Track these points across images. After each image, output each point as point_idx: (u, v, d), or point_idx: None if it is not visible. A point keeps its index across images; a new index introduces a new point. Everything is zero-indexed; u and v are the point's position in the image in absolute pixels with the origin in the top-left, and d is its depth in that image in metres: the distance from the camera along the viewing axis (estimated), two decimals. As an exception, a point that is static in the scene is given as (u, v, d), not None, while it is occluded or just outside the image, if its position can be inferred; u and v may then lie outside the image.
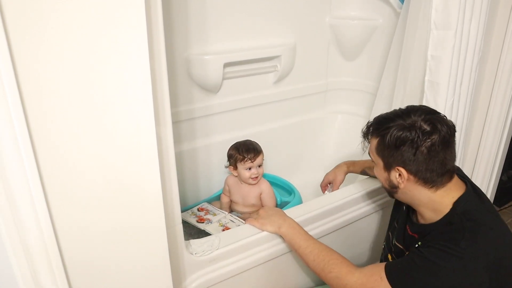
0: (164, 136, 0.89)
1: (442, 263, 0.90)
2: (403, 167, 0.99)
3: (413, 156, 0.96)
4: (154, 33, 0.79)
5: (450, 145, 0.98)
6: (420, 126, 0.96)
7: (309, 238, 1.14)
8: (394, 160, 1.00)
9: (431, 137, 0.95)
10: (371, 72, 2.01)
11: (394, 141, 0.98)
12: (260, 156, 1.58)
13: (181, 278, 1.09)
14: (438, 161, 0.96)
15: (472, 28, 1.34)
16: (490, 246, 0.92)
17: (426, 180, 0.98)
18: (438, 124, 0.96)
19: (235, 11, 1.67)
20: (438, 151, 0.95)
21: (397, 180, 1.02)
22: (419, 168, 0.97)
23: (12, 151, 0.63)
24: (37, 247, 0.70)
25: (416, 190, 1.01)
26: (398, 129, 0.98)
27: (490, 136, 1.72)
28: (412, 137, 0.95)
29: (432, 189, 0.99)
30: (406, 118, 0.99)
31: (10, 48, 0.59)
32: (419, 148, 0.95)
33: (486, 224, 0.95)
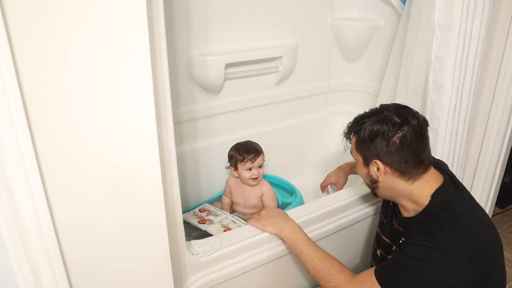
0: (166, 136, 0.89)
1: (424, 257, 0.93)
2: (379, 159, 1.04)
3: (386, 147, 1.01)
4: (156, 34, 0.79)
5: (422, 137, 1.03)
6: (391, 119, 1.02)
7: (310, 244, 1.14)
8: (370, 153, 1.05)
9: (402, 129, 1.00)
10: (373, 73, 2.01)
11: (368, 135, 1.04)
12: (261, 156, 1.58)
13: (182, 279, 1.09)
14: (411, 152, 1.01)
15: (474, 29, 1.34)
16: (468, 234, 0.94)
17: (402, 171, 1.03)
18: (408, 117, 1.02)
19: (237, 12, 1.67)
20: (410, 142, 1.00)
21: (376, 174, 1.07)
22: (393, 159, 1.02)
23: (13, 151, 0.63)
24: (38, 246, 0.71)
25: (394, 183, 1.05)
26: (371, 123, 1.04)
27: (493, 137, 1.71)
28: (383, 129, 1.01)
29: (409, 181, 1.03)
30: (379, 114, 1.05)
31: (11, 47, 0.60)
32: (391, 139, 1.01)
33: (463, 213, 0.98)
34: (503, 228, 2.12)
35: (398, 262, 0.98)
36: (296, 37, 1.88)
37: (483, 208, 1.07)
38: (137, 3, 0.70)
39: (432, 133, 1.46)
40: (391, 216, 1.17)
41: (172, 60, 1.54)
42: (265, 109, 1.91)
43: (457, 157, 1.53)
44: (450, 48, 1.33)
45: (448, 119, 1.42)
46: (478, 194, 1.84)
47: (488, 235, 0.98)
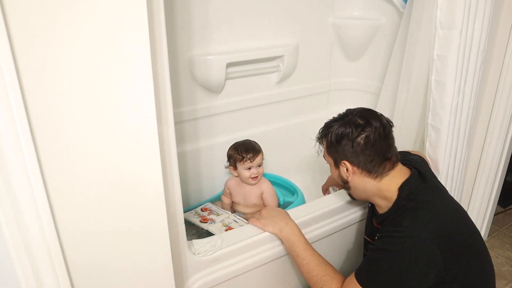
0: (167, 136, 0.89)
1: (393, 247, 0.98)
2: (347, 160, 1.10)
3: (352, 148, 1.08)
4: (156, 34, 0.79)
5: (386, 137, 1.09)
6: (354, 121, 1.09)
7: (307, 248, 1.14)
8: (338, 155, 1.12)
9: (365, 130, 1.07)
10: (374, 72, 2.00)
11: (335, 138, 1.11)
12: (260, 155, 1.58)
13: (184, 278, 1.09)
14: (375, 151, 1.07)
15: (476, 27, 1.33)
16: (431, 219, 0.98)
17: (368, 170, 1.09)
18: (371, 119, 1.08)
19: (238, 12, 1.67)
20: (374, 142, 1.06)
21: (346, 174, 1.13)
22: (359, 159, 1.08)
23: (15, 151, 0.63)
24: (40, 246, 0.71)
25: (364, 182, 1.11)
26: (337, 126, 1.11)
27: (495, 136, 1.71)
28: (348, 132, 1.08)
29: (377, 178, 1.09)
30: (344, 118, 1.13)
31: (11, 46, 0.60)
32: (355, 140, 1.07)
33: (427, 200, 1.02)
34: (506, 227, 2.11)
35: (372, 258, 1.02)
36: (297, 36, 1.87)
37: (451, 196, 1.11)
38: (138, 3, 0.69)
39: (434, 131, 1.46)
40: (371, 216, 1.22)
41: (173, 59, 1.54)
42: (266, 108, 1.91)
43: (459, 156, 1.53)
44: (453, 47, 1.33)
45: (450, 117, 1.42)
46: (480, 193, 1.83)
47: (453, 221, 1.01)
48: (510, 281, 1.73)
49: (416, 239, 0.95)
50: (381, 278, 0.98)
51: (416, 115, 1.61)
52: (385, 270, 0.98)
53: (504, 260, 1.85)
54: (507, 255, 1.89)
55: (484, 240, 1.11)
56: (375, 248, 1.02)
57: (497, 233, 2.05)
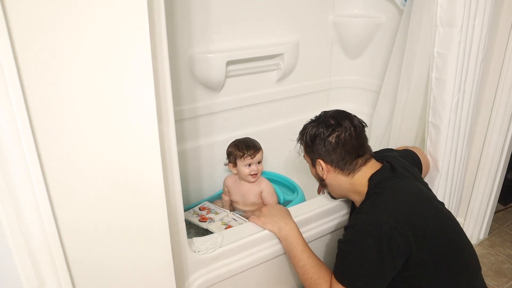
0: (167, 134, 0.89)
1: (355, 236, 1.02)
2: (321, 159, 1.16)
3: (324, 147, 1.14)
4: (157, 32, 0.79)
5: (357, 137, 1.14)
6: (326, 122, 1.15)
7: (304, 249, 1.14)
8: (314, 155, 1.19)
9: (336, 130, 1.13)
10: (374, 70, 2.00)
11: (309, 138, 1.18)
12: (260, 152, 1.58)
13: (184, 276, 1.09)
14: (346, 150, 1.13)
15: (477, 25, 1.33)
16: (391, 204, 1.02)
17: (341, 167, 1.15)
18: (342, 120, 1.14)
19: (238, 9, 1.67)
20: (344, 142, 1.12)
21: (321, 173, 1.19)
22: (332, 157, 1.14)
23: (15, 150, 0.63)
24: (41, 246, 0.71)
25: (338, 179, 1.17)
26: (311, 128, 1.18)
27: (495, 133, 1.71)
28: (320, 132, 1.15)
29: (350, 175, 1.15)
30: (318, 119, 1.19)
31: (13, 46, 0.60)
32: (327, 139, 1.14)
33: (388, 186, 1.07)
34: (506, 225, 2.11)
35: (341, 252, 1.05)
36: (297, 34, 1.87)
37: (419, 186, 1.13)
38: (138, 1, 0.69)
39: (434, 129, 1.46)
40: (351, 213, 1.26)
41: (173, 57, 1.54)
42: (267, 106, 1.91)
43: (459, 153, 1.53)
44: (453, 45, 1.33)
45: (451, 115, 1.41)
46: (480, 191, 1.83)
47: (412, 205, 1.03)
48: (511, 279, 1.73)
49: (373, 224, 0.99)
50: (354, 269, 1.00)
51: (416, 112, 1.61)
52: (355, 260, 1.00)
53: (505, 258, 1.85)
54: (508, 252, 1.89)
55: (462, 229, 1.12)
56: (342, 241, 1.05)
57: (498, 231, 2.05)
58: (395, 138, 1.70)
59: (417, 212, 1.02)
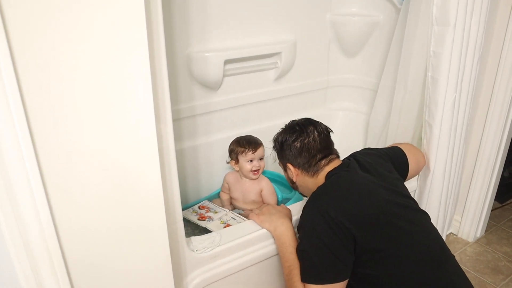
0: (165, 133, 0.89)
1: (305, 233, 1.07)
2: (290, 163, 1.25)
3: (291, 152, 1.23)
4: (154, 31, 0.79)
5: (321, 142, 1.21)
6: (292, 129, 1.24)
7: (294, 251, 1.13)
8: (283, 160, 1.28)
9: (301, 135, 1.21)
10: (372, 68, 2.01)
11: (278, 146, 1.28)
12: (261, 148, 1.58)
13: (183, 275, 1.09)
14: (311, 154, 1.20)
15: (473, 23, 1.34)
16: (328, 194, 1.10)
17: (307, 170, 1.22)
18: (306, 127, 1.23)
19: (236, 8, 1.67)
20: (309, 147, 1.20)
21: (291, 176, 1.26)
22: (298, 161, 1.22)
23: (13, 150, 0.63)
24: (39, 246, 0.71)
25: (305, 181, 1.24)
26: (279, 135, 1.28)
27: (492, 132, 1.71)
28: (285, 138, 1.24)
29: (314, 176, 1.21)
30: (286, 127, 1.28)
31: (9, 45, 0.59)
32: (292, 145, 1.22)
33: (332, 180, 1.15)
34: (503, 222, 2.12)
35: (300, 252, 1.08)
36: (295, 33, 1.87)
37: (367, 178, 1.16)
38: (135, 1, 0.69)
39: (429, 128, 1.47)
40: None
41: (171, 56, 1.54)
42: (264, 105, 1.91)
43: (456, 152, 1.53)
44: (447, 43, 1.33)
45: (444, 114, 1.42)
46: (477, 189, 1.84)
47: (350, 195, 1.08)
48: (507, 276, 1.74)
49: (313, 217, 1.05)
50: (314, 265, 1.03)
51: (413, 111, 1.61)
52: (311, 256, 1.04)
53: (502, 255, 1.86)
54: (504, 250, 1.90)
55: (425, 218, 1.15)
56: (299, 242, 1.11)
57: (495, 229, 2.06)
58: (392, 136, 1.71)
59: (355, 201, 1.07)
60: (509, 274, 1.75)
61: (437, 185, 1.53)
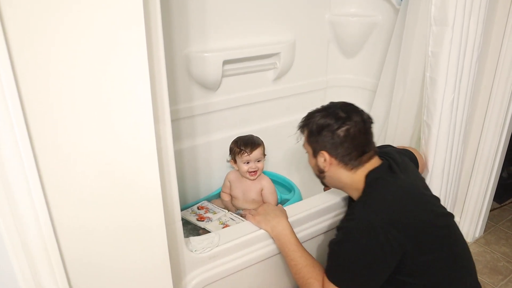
0: (163, 133, 0.89)
1: (347, 237, 1.02)
2: (326, 151, 1.12)
3: (331, 139, 1.10)
4: (153, 31, 0.79)
5: (365, 132, 1.12)
6: (336, 114, 1.11)
7: (296, 248, 1.14)
8: (318, 145, 1.14)
9: (346, 123, 1.09)
10: (371, 69, 2.01)
11: (316, 128, 1.13)
12: (258, 150, 1.57)
13: (181, 275, 1.09)
14: (354, 145, 1.09)
15: (472, 24, 1.34)
16: (383, 205, 1.01)
17: (345, 162, 1.11)
18: (353, 114, 1.11)
19: (234, 9, 1.67)
20: (353, 136, 1.09)
21: (323, 164, 1.14)
22: (338, 151, 1.10)
23: (11, 148, 0.63)
24: (37, 245, 0.71)
25: (339, 173, 1.14)
26: (319, 117, 1.13)
27: (490, 132, 1.71)
28: (329, 123, 1.10)
29: (352, 170, 1.12)
30: (327, 109, 1.15)
31: (8, 45, 0.59)
32: (335, 132, 1.09)
33: (382, 186, 1.06)
34: (501, 223, 2.13)
35: (333, 252, 1.05)
36: (294, 33, 1.87)
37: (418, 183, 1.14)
38: (134, 1, 0.69)
39: (427, 128, 1.47)
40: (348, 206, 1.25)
41: (169, 57, 1.54)
42: (263, 105, 1.91)
43: (454, 152, 1.53)
44: (445, 43, 1.33)
45: (442, 114, 1.42)
46: (476, 189, 1.84)
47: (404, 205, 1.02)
48: (506, 276, 1.74)
49: (365, 226, 0.98)
50: (346, 269, 1.01)
51: (412, 111, 1.61)
52: (347, 261, 1.01)
53: (500, 256, 1.86)
54: (503, 250, 1.90)
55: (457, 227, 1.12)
56: (334, 242, 1.05)
57: (493, 229, 2.06)
58: (391, 137, 1.71)
59: (411, 210, 1.02)
60: (507, 274, 1.76)
61: (435, 185, 1.53)
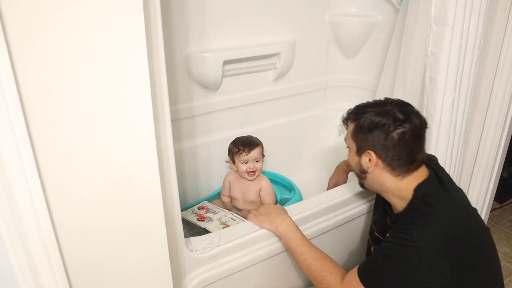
0: (164, 133, 0.89)
1: (399, 254, 0.95)
2: (374, 151, 1.03)
3: (384, 141, 1.01)
4: (153, 31, 0.79)
5: (420, 137, 1.03)
6: (394, 114, 1.01)
7: (304, 243, 1.14)
8: (366, 143, 1.04)
9: (403, 125, 1.00)
10: (371, 69, 2.01)
11: (368, 125, 1.03)
12: (256, 150, 1.57)
13: (181, 275, 1.09)
14: (406, 150, 1.01)
15: (472, 24, 1.34)
16: (442, 228, 0.95)
17: (393, 167, 1.03)
18: (411, 115, 1.02)
19: (235, 9, 1.67)
20: (407, 140, 1.00)
21: (367, 165, 1.06)
22: (388, 154, 1.02)
23: (11, 148, 0.63)
24: (37, 245, 0.71)
25: (384, 177, 1.05)
26: (373, 114, 1.03)
27: (491, 132, 1.71)
28: (384, 122, 1.00)
29: (399, 177, 1.04)
30: (382, 106, 1.04)
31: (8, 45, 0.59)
32: (390, 134, 1.00)
33: (440, 206, 0.98)
34: (502, 223, 2.13)
35: (378, 260, 1.00)
36: (294, 33, 1.87)
37: (465, 198, 1.08)
38: (134, 1, 0.69)
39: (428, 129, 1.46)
40: (384, 214, 1.18)
41: (169, 57, 1.54)
42: (263, 106, 1.91)
43: (455, 152, 1.53)
44: (445, 44, 1.33)
45: (442, 114, 1.42)
46: (476, 190, 1.84)
47: (464, 225, 0.98)
48: (507, 276, 1.74)
49: (422, 250, 0.93)
50: (383, 282, 0.98)
51: (412, 111, 1.61)
52: (389, 276, 0.97)
53: (501, 256, 1.86)
54: (504, 250, 1.90)
55: None
56: (382, 252, 0.99)
57: (494, 229, 2.06)
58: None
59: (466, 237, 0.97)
60: (508, 274, 1.76)
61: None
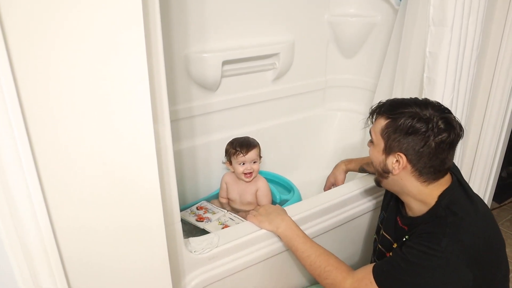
0: (163, 134, 0.89)
1: (425, 263, 0.93)
2: (405, 155, 0.99)
3: (420, 148, 0.97)
4: (152, 32, 0.79)
5: (454, 147, 1.00)
6: (436, 122, 0.96)
7: (306, 241, 1.13)
8: (398, 145, 0.99)
9: (442, 135, 0.96)
10: (370, 69, 2.01)
11: (406, 127, 0.98)
12: (253, 151, 1.57)
13: (181, 276, 1.09)
14: (440, 159, 0.98)
15: (470, 24, 1.34)
16: (470, 239, 0.93)
17: (422, 173, 1.00)
18: (452, 124, 0.98)
19: (234, 9, 1.67)
20: (443, 149, 0.97)
21: (393, 166, 1.02)
22: (420, 160, 0.98)
23: (10, 148, 0.63)
24: (36, 245, 0.70)
25: (408, 181, 1.02)
26: (413, 116, 0.98)
27: (489, 132, 1.72)
28: (426, 129, 0.96)
29: (425, 183, 1.01)
30: (423, 109, 0.99)
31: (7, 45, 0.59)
32: (428, 141, 0.96)
33: (467, 216, 0.97)
34: (501, 223, 2.13)
35: (398, 265, 0.97)
36: (293, 33, 1.87)
37: (484, 203, 1.06)
38: (133, 1, 0.69)
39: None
40: (395, 213, 1.15)
41: (168, 57, 1.54)
42: (263, 106, 1.91)
43: (454, 152, 1.53)
44: (443, 44, 1.33)
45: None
46: (475, 189, 1.84)
47: (488, 234, 0.97)
48: (506, 276, 1.74)
49: (450, 263, 0.91)
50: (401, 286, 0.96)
51: (411, 111, 1.61)
52: (409, 282, 0.95)
53: (499, 256, 1.86)
54: (502, 250, 1.90)
55: None
56: (405, 258, 0.96)
57: (493, 229, 2.07)
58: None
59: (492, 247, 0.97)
60: (507, 274, 1.76)
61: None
